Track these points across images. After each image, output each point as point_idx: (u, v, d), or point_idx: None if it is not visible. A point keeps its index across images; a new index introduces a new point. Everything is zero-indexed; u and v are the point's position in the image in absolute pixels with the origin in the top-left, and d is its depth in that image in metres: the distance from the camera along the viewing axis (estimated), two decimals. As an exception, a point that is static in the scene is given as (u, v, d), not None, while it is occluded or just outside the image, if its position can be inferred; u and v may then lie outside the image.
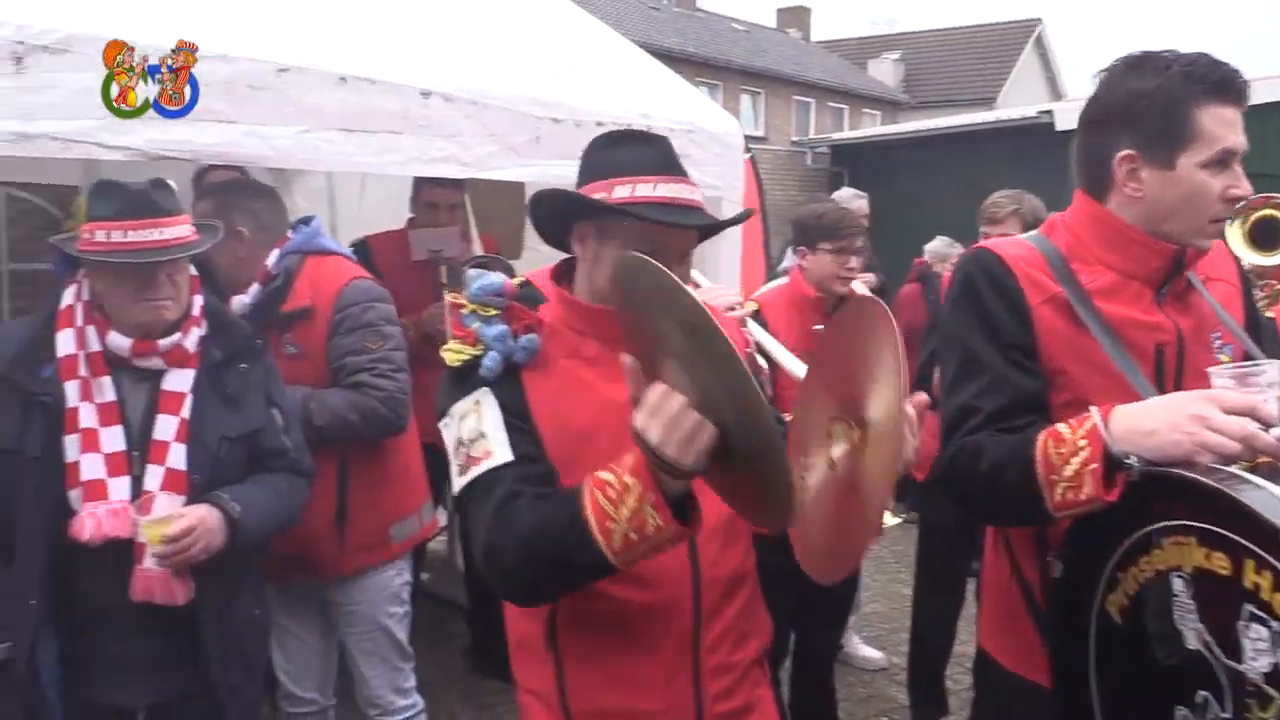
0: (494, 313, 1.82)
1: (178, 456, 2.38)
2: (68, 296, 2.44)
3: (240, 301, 2.95)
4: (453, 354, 1.82)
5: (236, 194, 3.05)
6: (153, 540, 2.29)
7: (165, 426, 2.39)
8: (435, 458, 3.48)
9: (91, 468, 2.32)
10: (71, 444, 2.33)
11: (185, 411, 2.40)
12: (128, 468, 2.35)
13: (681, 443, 1.52)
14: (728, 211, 4.18)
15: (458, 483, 1.80)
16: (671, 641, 1.83)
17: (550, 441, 1.78)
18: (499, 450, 1.75)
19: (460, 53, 3.52)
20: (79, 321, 2.40)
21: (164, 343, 2.41)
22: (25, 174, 5.48)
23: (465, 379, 1.81)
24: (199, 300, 2.51)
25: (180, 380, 2.43)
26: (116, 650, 2.41)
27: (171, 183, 2.46)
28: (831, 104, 32.48)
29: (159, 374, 2.43)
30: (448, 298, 1.87)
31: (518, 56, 3.76)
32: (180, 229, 2.41)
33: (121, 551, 2.33)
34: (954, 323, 2.00)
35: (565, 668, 1.85)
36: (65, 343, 2.38)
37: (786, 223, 4.49)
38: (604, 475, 1.62)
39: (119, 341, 2.38)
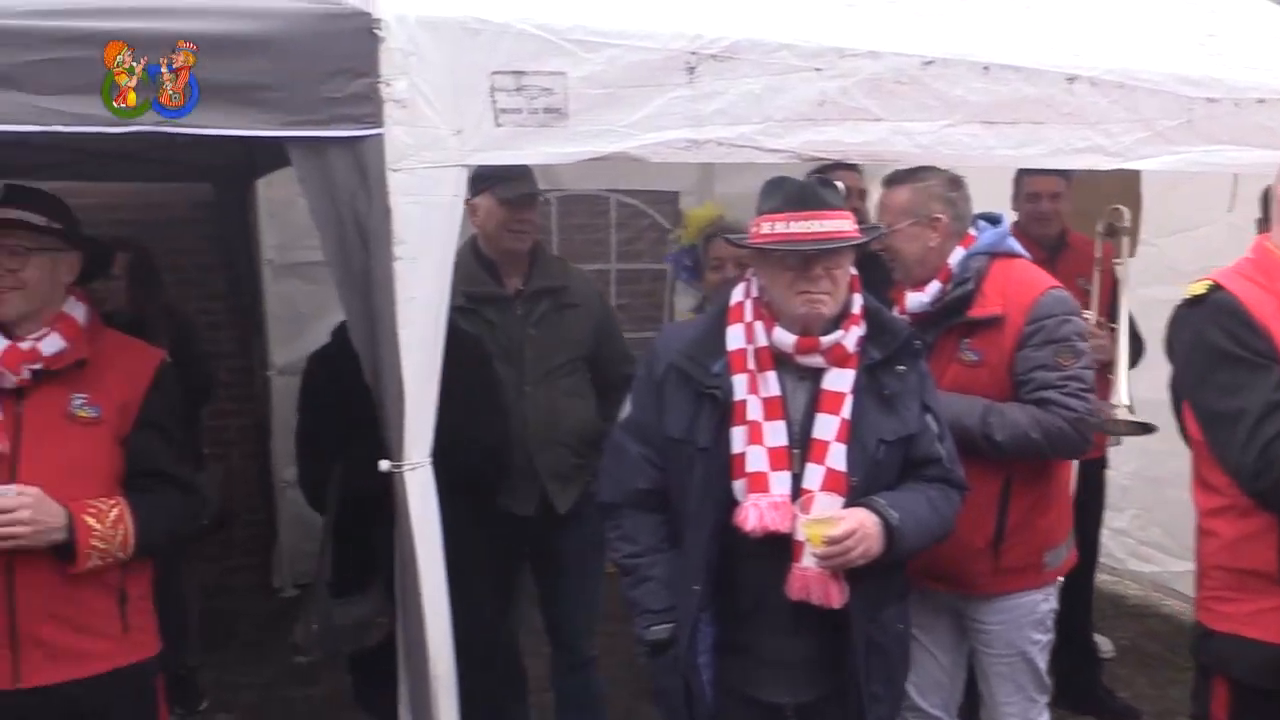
0: None
1: (837, 457, 2.37)
2: (738, 293, 2.53)
3: (918, 300, 2.92)
4: None
5: (935, 179, 2.98)
6: (813, 540, 2.30)
7: (825, 426, 2.39)
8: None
9: (755, 460, 2.38)
10: (738, 436, 2.40)
11: (845, 412, 2.39)
12: (789, 463, 2.38)
13: None
14: None
15: None
16: None
17: None
18: None
19: (1105, 32, 3.23)
20: (748, 317, 2.47)
21: (825, 340, 2.41)
22: (632, 181, 5.95)
23: None
24: (859, 299, 2.49)
25: (840, 380, 2.42)
26: (767, 644, 2.47)
27: (839, 183, 2.46)
28: None
29: (819, 372, 2.44)
30: None
31: (1163, 31, 3.40)
32: (841, 223, 2.39)
33: (779, 547, 2.36)
34: None
35: None
36: (734, 337, 2.47)
37: None
38: None
39: (783, 337, 2.42)
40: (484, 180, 3.40)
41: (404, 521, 2.43)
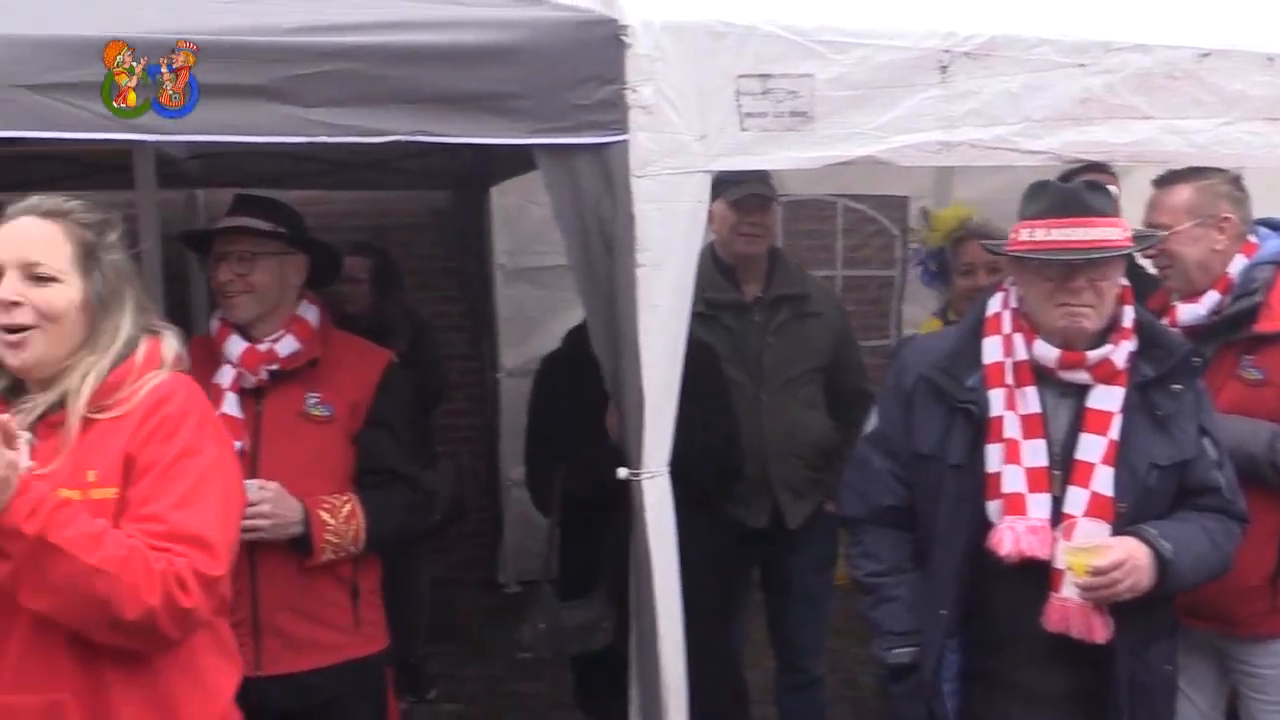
0: None
1: (1103, 480, 2.21)
2: (994, 304, 2.40)
3: (1192, 311, 2.71)
4: None
5: (1218, 177, 2.76)
6: (1076, 569, 2.14)
7: (1090, 447, 2.24)
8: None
9: (1012, 480, 2.25)
10: (993, 454, 2.28)
11: (1113, 432, 2.23)
12: (1048, 485, 2.24)
13: None
14: None
15: None
16: None
17: None
18: None
19: None
20: (1006, 329, 2.34)
21: (1092, 355, 2.25)
22: (861, 185, 5.81)
23: None
24: (1129, 312, 2.32)
25: (1108, 398, 2.26)
26: (1019, 676, 2.32)
27: (1113, 188, 2.30)
28: None
29: (1083, 389, 2.28)
30: None
31: None
32: (1109, 232, 2.22)
33: (1036, 574, 2.22)
34: None
35: None
36: (991, 350, 2.34)
37: None
38: None
39: (1045, 351, 2.28)
40: (718, 185, 3.36)
41: (640, 529, 2.41)
